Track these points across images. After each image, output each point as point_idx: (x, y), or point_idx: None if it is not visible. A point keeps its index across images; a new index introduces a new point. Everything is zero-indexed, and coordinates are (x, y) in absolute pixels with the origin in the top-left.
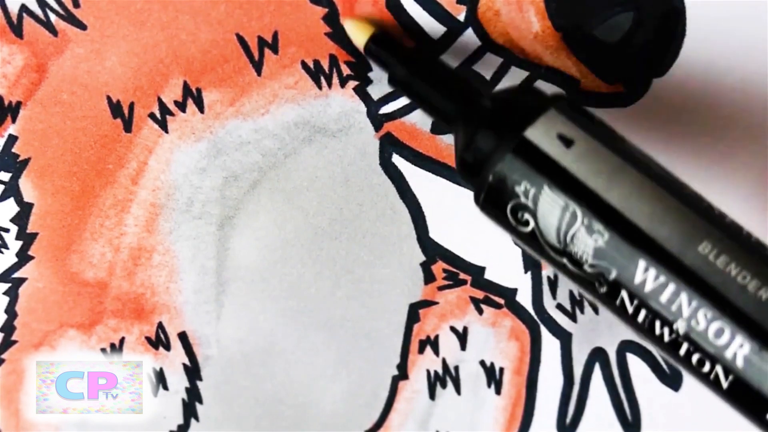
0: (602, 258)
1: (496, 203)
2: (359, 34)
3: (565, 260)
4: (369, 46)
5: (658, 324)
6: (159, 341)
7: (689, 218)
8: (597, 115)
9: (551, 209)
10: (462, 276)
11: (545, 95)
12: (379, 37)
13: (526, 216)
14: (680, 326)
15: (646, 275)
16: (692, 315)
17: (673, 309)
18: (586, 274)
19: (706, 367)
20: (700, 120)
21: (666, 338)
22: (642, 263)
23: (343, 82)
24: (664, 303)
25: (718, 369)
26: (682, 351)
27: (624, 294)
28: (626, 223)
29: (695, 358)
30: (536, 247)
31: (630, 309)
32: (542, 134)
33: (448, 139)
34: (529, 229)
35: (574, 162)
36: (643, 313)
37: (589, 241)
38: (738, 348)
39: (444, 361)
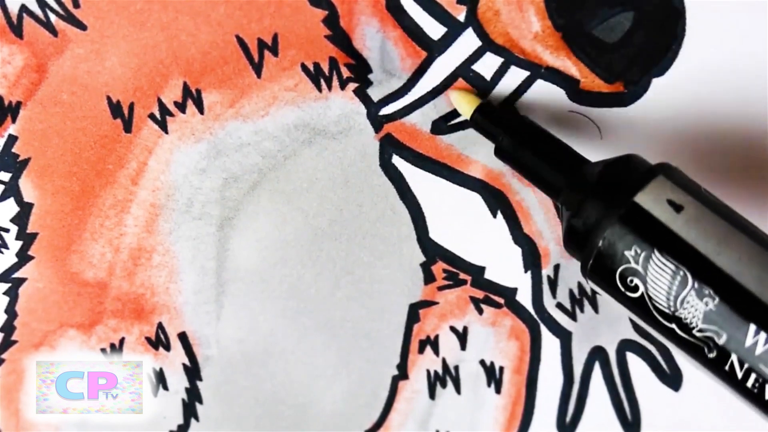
0: (712, 322)
1: (605, 269)
2: (466, 105)
3: (674, 325)
4: (475, 117)
5: None
6: (159, 341)
7: None
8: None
9: (662, 273)
10: (462, 276)
11: (650, 164)
12: (485, 108)
13: (636, 281)
14: None
15: (756, 339)
16: None
17: None
18: (695, 339)
19: None
20: (700, 120)
21: None
22: (753, 327)
23: (342, 85)
24: None
25: None
26: None
27: (734, 358)
28: (737, 287)
29: None
30: (645, 314)
31: (739, 374)
32: (652, 200)
33: (448, 140)
34: (638, 294)
35: (684, 227)
36: (752, 378)
37: (699, 305)
38: None
39: (444, 361)
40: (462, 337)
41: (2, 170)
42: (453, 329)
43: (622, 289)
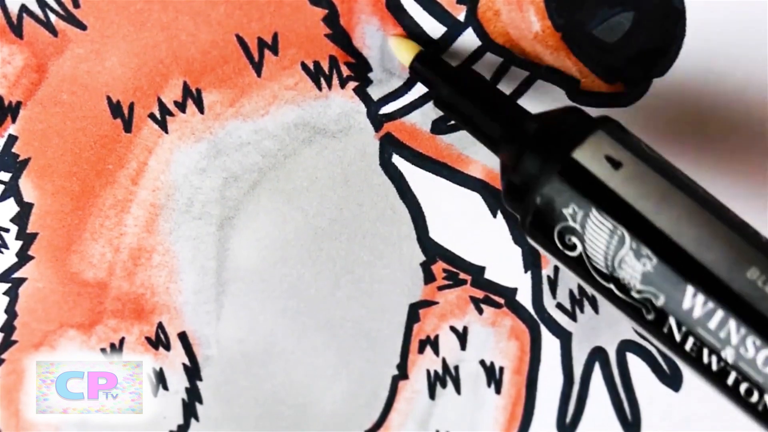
0: (650, 283)
1: (543, 227)
2: (404, 53)
3: (612, 286)
4: (414, 64)
5: (705, 352)
6: (159, 341)
7: (737, 244)
8: (643, 140)
9: (599, 232)
10: (462, 276)
11: (591, 117)
12: (425, 56)
13: (574, 240)
14: (728, 354)
15: (694, 301)
16: (741, 342)
17: (722, 336)
18: (633, 300)
19: (755, 397)
20: (700, 120)
21: (714, 367)
22: (690, 289)
23: (343, 83)
24: (713, 330)
25: (767, 398)
26: (730, 380)
27: (672, 321)
28: (675, 247)
29: (743, 387)
30: (583, 273)
31: (678, 337)
32: (590, 156)
33: (448, 139)
34: (576, 253)
35: (623, 184)
36: (690, 341)
37: (637, 265)
38: None
39: (444, 361)
40: (462, 337)
41: (2, 170)
42: (453, 329)
43: (561, 248)
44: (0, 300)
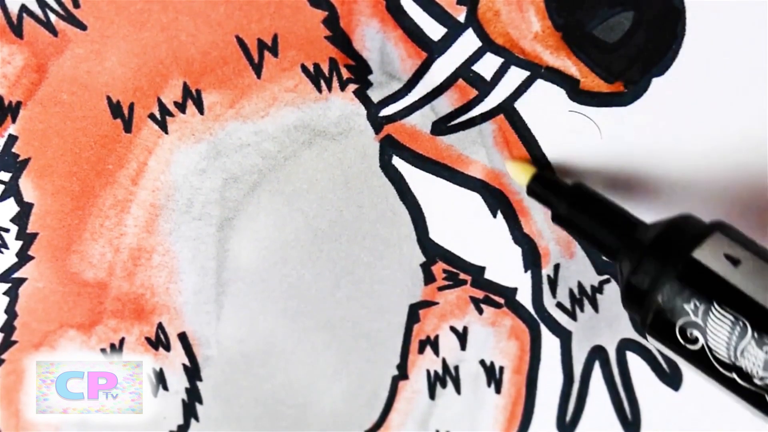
0: None
1: (665, 324)
2: (521, 175)
3: (734, 375)
4: (531, 185)
5: None
6: (159, 341)
7: None
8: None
9: (721, 325)
10: (462, 276)
11: (705, 222)
12: (540, 177)
13: (696, 333)
14: None
15: None
16: None
17: None
18: (756, 387)
19: None
20: (700, 120)
21: None
22: None
23: (343, 86)
24: None
25: None
26: None
27: None
28: None
29: None
30: (705, 365)
31: None
32: (710, 255)
33: (448, 141)
34: (698, 346)
35: (743, 279)
36: None
37: (759, 353)
38: None
39: (444, 361)
40: (462, 337)
41: (2, 170)
42: (453, 329)
43: (682, 342)
44: (0, 300)
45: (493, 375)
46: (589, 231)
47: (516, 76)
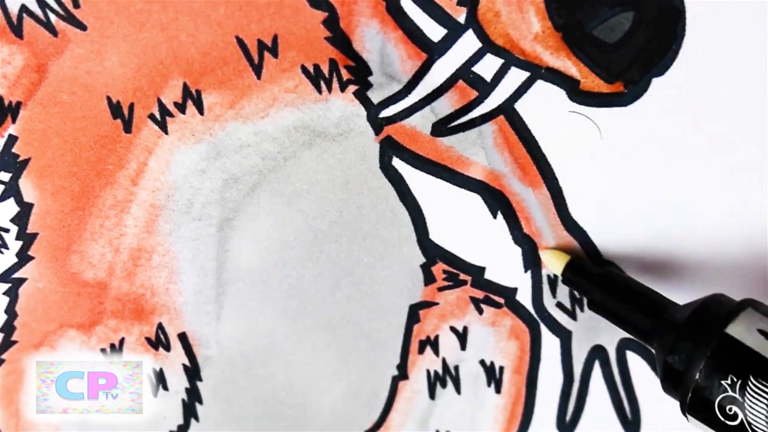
0: None
1: (704, 401)
2: (556, 263)
3: None
4: (567, 273)
5: None
6: (159, 342)
7: None
8: None
9: (759, 398)
10: (462, 276)
11: (735, 300)
12: (574, 265)
13: (735, 409)
14: None
15: None
16: None
17: None
18: None
19: None
20: (700, 120)
21: None
22: None
23: (343, 87)
24: None
25: None
26: None
27: None
28: None
29: None
30: None
31: None
32: (743, 330)
33: (448, 142)
34: (737, 422)
35: None
36: None
37: None
38: None
39: (444, 361)
40: (462, 337)
41: (2, 170)
42: (453, 329)
43: (722, 419)
44: (0, 300)
45: (493, 375)
46: (624, 316)
47: (516, 76)
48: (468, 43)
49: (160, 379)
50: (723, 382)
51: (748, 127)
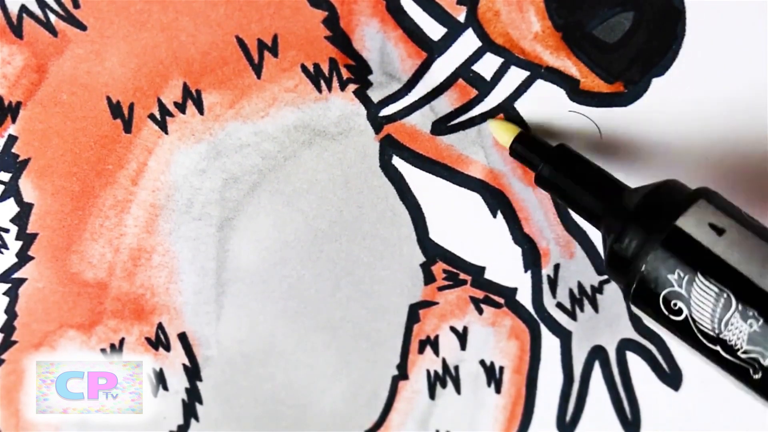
0: (757, 343)
1: (648, 294)
2: (504, 135)
3: (718, 347)
4: (514, 146)
5: None
6: (159, 342)
7: None
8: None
9: (705, 296)
10: (462, 276)
11: (690, 189)
12: (523, 138)
13: (680, 304)
14: None
15: None
16: None
17: None
18: (740, 361)
19: None
20: (700, 120)
21: None
22: None
23: (343, 86)
24: None
25: None
26: None
27: None
28: None
29: None
30: (689, 336)
31: None
32: (694, 223)
33: (448, 140)
34: (682, 317)
35: (727, 249)
36: None
37: (743, 326)
38: None
39: (444, 361)
40: (462, 337)
41: (2, 170)
42: (453, 329)
43: (666, 313)
44: (0, 300)
45: (493, 375)
46: (573, 194)
47: (516, 76)
48: (468, 42)
49: (160, 379)
50: (670, 276)
51: (748, 127)
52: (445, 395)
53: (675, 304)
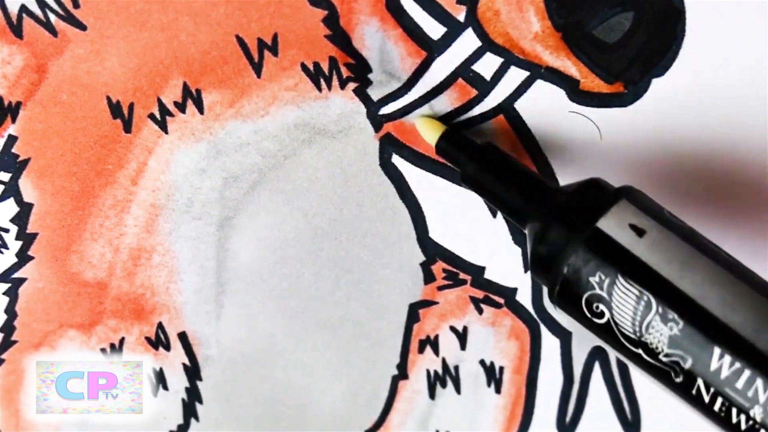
0: (678, 347)
1: (571, 296)
2: (430, 132)
3: (640, 351)
4: (440, 143)
5: (734, 411)
6: (159, 341)
7: (761, 304)
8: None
9: (626, 299)
10: (462, 276)
11: (613, 187)
12: (450, 135)
13: (602, 307)
14: (757, 413)
15: (721, 362)
16: None
17: (750, 395)
18: (662, 364)
19: None
20: (700, 120)
21: (743, 426)
22: (717, 350)
23: (342, 84)
24: (741, 389)
25: None
26: None
27: (700, 382)
28: (700, 310)
29: None
30: (611, 339)
31: (706, 398)
32: (614, 225)
33: None
34: (604, 320)
35: (647, 251)
36: (719, 401)
37: (664, 329)
38: None
39: (444, 361)
40: (462, 337)
41: (2, 170)
42: (453, 329)
43: (589, 315)
44: (0, 300)
45: (493, 375)
46: (497, 193)
47: (516, 76)
48: (467, 42)
49: (160, 378)
50: (591, 278)
51: (748, 127)
52: (445, 395)
53: (597, 307)
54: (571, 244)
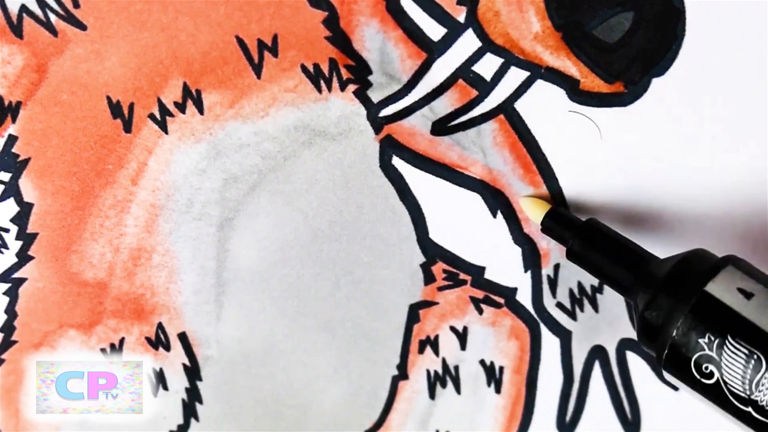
0: None
1: (681, 358)
2: (536, 211)
3: (750, 408)
4: (545, 221)
5: None
6: (159, 341)
7: None
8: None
9: (736, 359)
10: (462, 276)
11: (716, 256)
12: (554, 214)
13: (711, 367)
14: None
15: None
16: None
17: None
18: None
19: None
20: (700, 120)
21: None
22: None
23: (342, 86)
24: None
25: None
26: None
27: None
28: None
29: None
30: (720, 399)
31: None
32: (723, 289)
33: (448, 141)
34: (713, 380)
35: (756, 312)
36: None
37: None
38: None
39: (444, 361)
40: (462, 337)
41: (2, 170)
42: (453, 329)
43: (698, 377)
44: (0, 300)
45: (493, 375)
46: (603, 267)
47: (516, 76)
48: (468, 43)
49: (160, 378)
50: (700, 340)
51: (748, 127)
52: (445, 395)
53: (706, 368)
54: (679, 308)
